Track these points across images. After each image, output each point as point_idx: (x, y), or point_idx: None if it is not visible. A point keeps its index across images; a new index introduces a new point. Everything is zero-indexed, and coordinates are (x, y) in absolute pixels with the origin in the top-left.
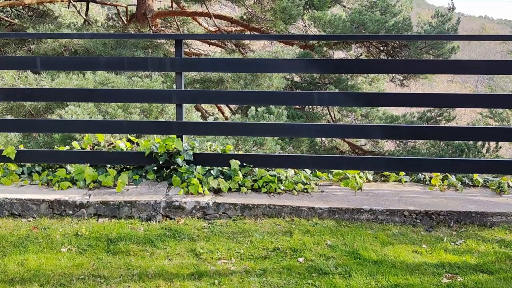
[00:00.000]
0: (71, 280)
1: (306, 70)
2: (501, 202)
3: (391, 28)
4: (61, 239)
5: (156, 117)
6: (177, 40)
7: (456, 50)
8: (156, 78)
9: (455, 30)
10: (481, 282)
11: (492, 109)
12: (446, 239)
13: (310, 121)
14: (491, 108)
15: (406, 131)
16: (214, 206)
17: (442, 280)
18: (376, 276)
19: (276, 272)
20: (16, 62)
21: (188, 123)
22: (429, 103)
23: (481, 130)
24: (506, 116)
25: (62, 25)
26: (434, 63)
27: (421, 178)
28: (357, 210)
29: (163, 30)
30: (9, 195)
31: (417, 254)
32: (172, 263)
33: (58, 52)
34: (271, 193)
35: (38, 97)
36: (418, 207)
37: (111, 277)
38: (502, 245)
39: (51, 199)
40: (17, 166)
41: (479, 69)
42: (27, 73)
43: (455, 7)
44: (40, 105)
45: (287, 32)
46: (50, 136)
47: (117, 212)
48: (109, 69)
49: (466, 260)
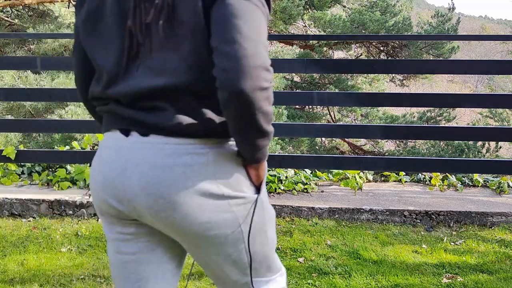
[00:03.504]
0: (71, 280)
1: (306, 70)
2: (501, 202)
3: (391, 28)
4: (61, 239)
5: None
6: None
7: (456, 50)
8: None
9: (455, 30)
10: (481, 282)
11: (492, 109)
12: (446, 239)
13: (310, 121)
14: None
15: (406, 131)
16: None
17: (442, 280)
18: (376, 276)
19: None
20: (16, 62)
21: None
22: (429, 103)
23: (481, 130)
24: (506, 116)
25: (62, 25)
26: (434, 63)
27: (421, 178)
28: (357, 210)
29: None
30: (9, 195)
31: (417, 254)
32: None
33: (58, 52)
34: (271, 193)
35: (39, 97)
36: (418, 207)
37: (111, 277)
38: (502, 245)
39: (51, 199)
40: (17, 166)
41: (479, 69)
42: (27, 73)
43: (455, 7)
44: (40, 105)
45: (287, 32)
46: (50, 136)
47: None
48: None
49: (466, 260)
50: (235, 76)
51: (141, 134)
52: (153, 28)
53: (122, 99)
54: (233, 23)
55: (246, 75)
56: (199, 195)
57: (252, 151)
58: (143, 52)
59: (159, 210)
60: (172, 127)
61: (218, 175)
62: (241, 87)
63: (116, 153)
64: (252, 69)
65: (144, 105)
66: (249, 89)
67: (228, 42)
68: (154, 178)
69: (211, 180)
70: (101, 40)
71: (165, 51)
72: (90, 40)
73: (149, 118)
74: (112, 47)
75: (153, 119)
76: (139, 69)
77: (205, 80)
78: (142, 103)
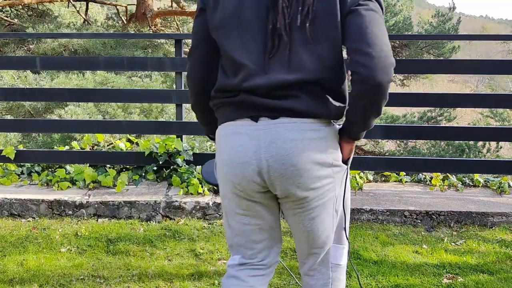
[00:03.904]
0: (71, 280)
1: None
2: (502, 202)
3: (391, 28)
4: (61, 239)
5: (156, 117)
6: (177, 40)
7: (457, 49)
8: (156, 78)
9: (456, 29)
10: (481, 282)
11: (492, 109)
12: (447, 239)
13: None
14: (492, 108)
15: (407, 131)
16: (214, 206)
17: (443, 281)
18: (376, 276)
19: (276, 272)
20: (16, 62)
21: (188, 123)
22: (429, 103)
23: (482, 130)
24: (506, 116)
25: (61, 25)
26: (434, 63)
27: (422, 178)
28: (357, 210)
29: (163, 29)
30: (8, 195)
31: (418, 254)
32: (172, 263)
33: (58, 52)
34: None
35: (38, 97)
36: (419, 207)
37: (110, 278)
38: (503, 245)
39: (50, 199)
40: (17, 166)
41: (480, 69)
42: (27, 73)
43: (455, 7)
44: (40, 105)
45: None
46: (50, 136)
47: (116, 212)
48: (108, 69)
49: (467, 260)
50: (375, 72)
51: (271, 118)
52: (296, 30)
53: (258, 90)
54: (371, 30)
55: (383, 71)
56: (317, 163)
57: (363, 130)
58: (283, 50)
59: (289, 177)
60: (300, 110)
61: (328, 147)
62: (380, 81)
63: (249, 136)
64: (387, 67)
65: (277, 94)
66: (385, 82)
67: (369, 45)
68: (288, 150)
69: (324, 151)
70: (242, 40)
71: (303, 50)
72: (229, 40)
73: (280, 104)
74: (253, 46)
75: (284, 105)
76: (277, 64)
77: (332, 76)
78: (276, 92)
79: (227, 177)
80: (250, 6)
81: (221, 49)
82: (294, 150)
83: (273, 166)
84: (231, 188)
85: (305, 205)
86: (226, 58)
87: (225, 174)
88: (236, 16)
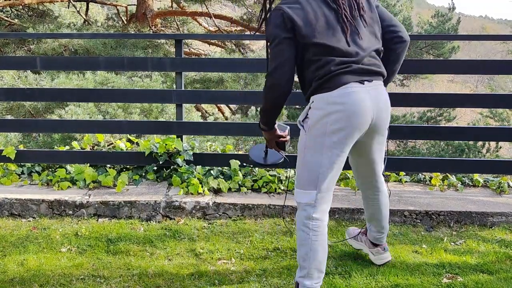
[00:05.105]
0: (71, 280)
1: None
2: (501, 202)
3: None
4: (61, 239)
5: (156, 117)
6: (177, 40)
7: (456, 50)
8: (156, 78)
9: (455, 30)
10: (481, 282)
11: (492, 109)
12: (446, 239)
13: None
14: (491, 108)
15: (407, 131)
16: (214, 206)
17: (442, 280)
18: (376, 276)
19: (276, 272)
20: (16, 62)
21: (188, 123)
22: (429, 103)
23: (482, 130)
24: (506, 116)
25: (62, 25)
26: (434, 63)
27: (421, 178)
28: (357, 210)
29: (163, 30)
30: (9, 195)
31: (417, 254)
32: (172, 263)
33: (58, 52)
34: (271, 193)
35: (38, 97)
36: (418, 207)
37: (111, 277)
38: (503, 245)
39: (51, 199)
40: (17, 166)
41: (480, 69)
42: (27, 73)
43: (455, 7)
44: (40, 105)
45: None
46: (50, 136)
47: (117, 212)
48: (109, 69)
49: (466, 260)
50: (407, 35)
51: (369, 81)
52: (357, 18)
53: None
54: (394, 17)
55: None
56: None
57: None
58: (354, 31)
59: (386, 119)
60: (381, 73)
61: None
62: (408, 40)
63: (363, 94)
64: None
65: (368, 62)
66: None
67: (399, 24)
68: (387, 102)
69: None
70: (329, 32)
71: (365, 31)
72: (321, 34)
73: (372, 69)
74: (338, 34)
75: (374, 69)
76: (351, 41)
77: (381, 46)
78: (366, 60)
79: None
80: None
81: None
82: (388, 102)
83: (383, 113)
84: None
85: (378, 140)
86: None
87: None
88: (316, 18)
